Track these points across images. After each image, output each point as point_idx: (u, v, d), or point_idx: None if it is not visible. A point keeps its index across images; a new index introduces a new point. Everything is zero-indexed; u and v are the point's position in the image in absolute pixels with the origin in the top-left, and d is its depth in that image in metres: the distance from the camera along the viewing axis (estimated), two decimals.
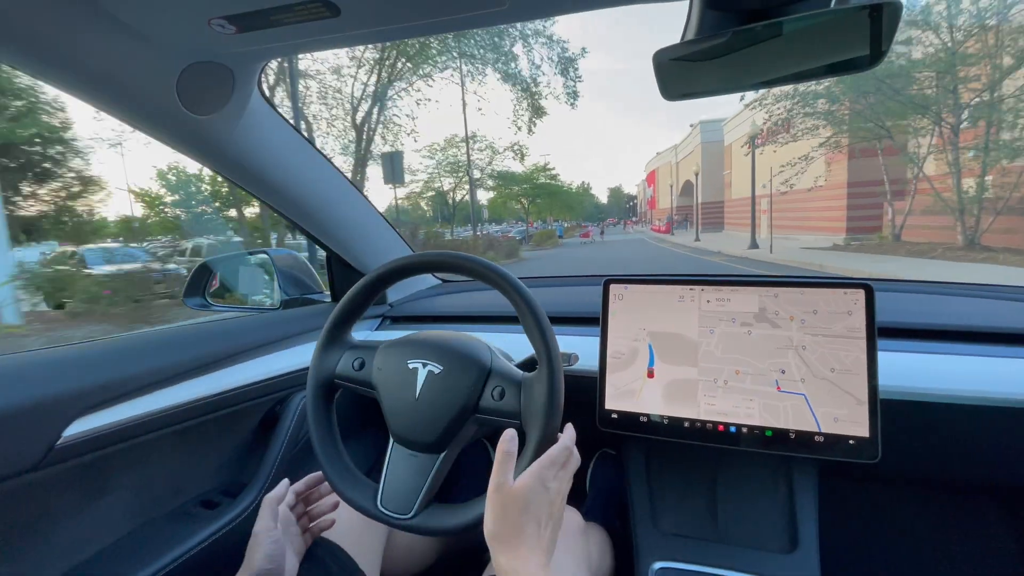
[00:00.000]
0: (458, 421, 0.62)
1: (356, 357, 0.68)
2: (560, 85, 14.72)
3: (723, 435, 0.73)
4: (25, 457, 0.58)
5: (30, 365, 0.64)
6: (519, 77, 14.52)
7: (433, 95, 21.82)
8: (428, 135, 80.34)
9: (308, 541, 0.70)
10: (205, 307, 1.13)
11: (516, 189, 29.24)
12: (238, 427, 0.88)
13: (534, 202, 32.17)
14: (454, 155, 23.83)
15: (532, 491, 0.48)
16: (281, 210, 0.96)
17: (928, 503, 1.01)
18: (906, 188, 12.90)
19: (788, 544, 0.77)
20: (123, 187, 12.59)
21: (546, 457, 0.52)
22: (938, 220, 11.72)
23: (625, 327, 0.80)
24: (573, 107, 15.00)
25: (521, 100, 15.23)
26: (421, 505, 0.61)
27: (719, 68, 0.56)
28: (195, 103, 0.67)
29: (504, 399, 0.60)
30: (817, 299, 0.72)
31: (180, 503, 0.80)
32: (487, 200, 39.41)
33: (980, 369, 0.73)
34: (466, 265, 0.64)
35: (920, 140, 11.83)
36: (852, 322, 0.70)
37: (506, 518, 0.48)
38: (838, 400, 0.69)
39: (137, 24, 0.56)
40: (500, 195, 30.84)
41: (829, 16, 0.48)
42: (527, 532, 0.47)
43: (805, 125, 13.69)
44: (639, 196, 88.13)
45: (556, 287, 1.28)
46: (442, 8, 0.55)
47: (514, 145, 21.91)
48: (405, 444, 0.64)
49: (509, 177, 27.00)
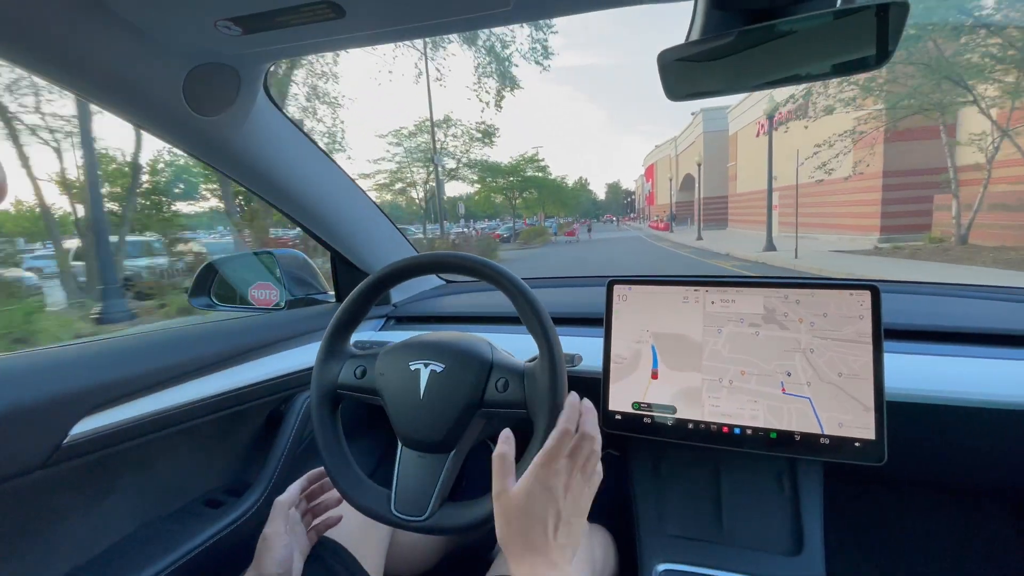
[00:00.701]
0: (464, 417, 0.62)
1: (357, 365, 0.68)
2: (526, 40, 11.94)
3: (728, 437, 0.73)
4: (32, 456, 0.58)
5: (37, 364, 0.64)
6: (480, 38, 11.94)
7: (388, 66, 17.46)
8: (397, 118, 74.98)
9: (313, 539, 0.70)
10: (211, 307, 1.13)
11: (502, 182, 26.43)
12: (243, 426, 0.89)
13: (522, 196, 29.38)
14: (427, 142, 19.79)
15: (530, 495, 0.46)
16: (286, 210, 0.97)
17: (934, 506, 1.00)
18: (968, 177, 10.22)
19: (793, 546, 0.77)
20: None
21: (541, 454, 0.48)
22: (1013, 218, 9.39)
23: (629, 328, 0.80)
24: (544, 69, 12.51)
25: (486, 67, 12.47)
26: (435, 506, 0.61)
27: (724, 68, 0.56)
28: (201, 104, 0.68)
29: (508, 390, 0.61)
30: (828, 302, 0.71)
31: (185, 502, 0.80)
32: (468, 194, 35.99)
33: (987, 371, 0.73)
34: (465, 264, 0.64)
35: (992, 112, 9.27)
36: (863, 327, 0.69)
37: (510, 525, 0.46)
38: (844, 405, 0.68)
39: (144, 26, 0.56)
40: (484, 188, 27.63)
41: (835, 16, 0.48)
42: (532, 538, 0.45)
43: (844, 94, 11.01)
44: (637, 192, 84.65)
45: (560, 287, 1.28)
46: (447, 9, 0.55)
47: (481, 125, 19.07)
48: (414, 446, 0.64)
49: (492, 168, 24.10)
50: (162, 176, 12.12)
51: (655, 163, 56.33)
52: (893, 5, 0.45)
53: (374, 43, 0.64)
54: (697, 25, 0.53)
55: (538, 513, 0.46)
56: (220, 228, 17.35)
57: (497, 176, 25.67)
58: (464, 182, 23.41)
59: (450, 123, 20.17)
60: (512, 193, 28.17)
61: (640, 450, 0.91)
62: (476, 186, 26.94)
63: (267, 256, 1.20)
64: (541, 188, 29.18)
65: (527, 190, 28.72)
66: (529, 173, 27.06)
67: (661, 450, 0.88)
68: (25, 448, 0.58)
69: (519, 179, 26.73)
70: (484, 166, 23.04)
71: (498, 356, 0.65)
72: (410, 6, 0.54)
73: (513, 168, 26.21)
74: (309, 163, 0.92)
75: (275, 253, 1.17)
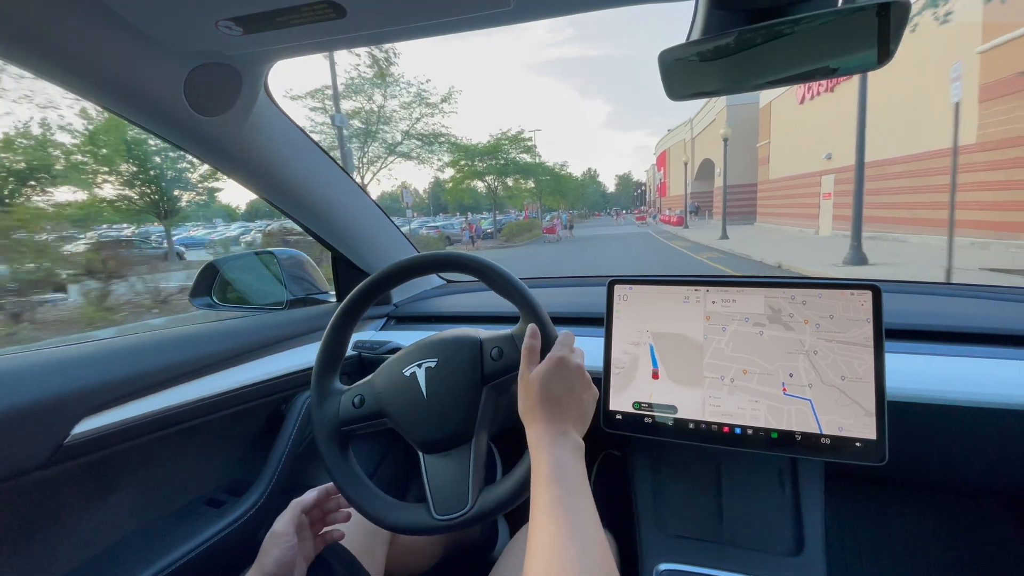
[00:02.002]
0: (473, 398, 0.62)
1: (354, 396, 0.66)
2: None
3: (728, 436, 0.73)
4: (34, 455, 0.59)
5: (39, 364, 0.64)
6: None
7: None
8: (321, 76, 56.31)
9: (319, 547, 0.70)
10: (211, 307, 1.14)
11: (479, 165, 21.45)
12: (243, 426, 0.89)
13: (504, 184, 24.08)
14: (365, 110, 15.37)
15: (547, 374, 0.55)
16: (287, 210, 0.97)
17: (935, 506, 1.00)
18: None
19: (794, 547, 0.77)
20: None
21: (553, 352, 0.57)
22: None
23: (629, 328, 0.80)
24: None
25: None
26: (474, 494, 0.60)
27: (725, 68, 0.56)
28: (202, 104, 0.68)
29: (504, 355, 0.62)
30: (835, 304, 0.71)
31: (186, 501, 0.80)
32: (439, 180, 29.15)
33: (988, 372, 0.72)
34: (458, 262, 0.65)
35: None
36: (869, 330, 0.69)
37: (529, 398, 0.55)
38: (845, 410, 0.68)
39: (145, 26, 0.56)
40: (461, 174, 22.09)
41: (836, 16, 0.48)
42: (547, 409, 0.54)
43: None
44: (648, 182, 78.60)
45: (560, 287, 1.28)
46: (448, 9, 0.55)
47: (427, 84, 14.63)
48: (434, 448, 0.63)
49: (463, 148, 19.31)
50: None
51: (668, 149, 49.89)
52: (894, 5, 0.45)
53: (375, 43, 0.64)
54: (698, 25, 0.53)
55: (553, 389, 0.54)
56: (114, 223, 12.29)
57: (472, 157, 21.20)
58: (420, 162, 17.94)
59: (391, 81, 15.44)
60: (493, 179, 23.41)
61: (641, 450, 0.91)
62: (448, 171, 22.07)
63: (268, 256, 1.21)
64: (529, 174, 24.65)
65: (513, 176, 24.00)
66: (512, 155, 22.38)
67: (662, 450, 0.88)
68: (26, 448, 0.58)
69: (499, 162, 22.21)
70: (451, 144, 18.33)
71: (485, 333, 0.66)
72: (411, 6, 0.54)
73: (492, 148, 21.47)
74: (310, 163, 0.92)
75: (276, 253, 1.17)
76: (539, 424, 0.53)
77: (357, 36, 0.60)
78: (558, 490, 0.46)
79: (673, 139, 47.28)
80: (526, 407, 0.56)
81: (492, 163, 22.29)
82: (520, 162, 23.50)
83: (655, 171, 63.91)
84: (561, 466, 0.49)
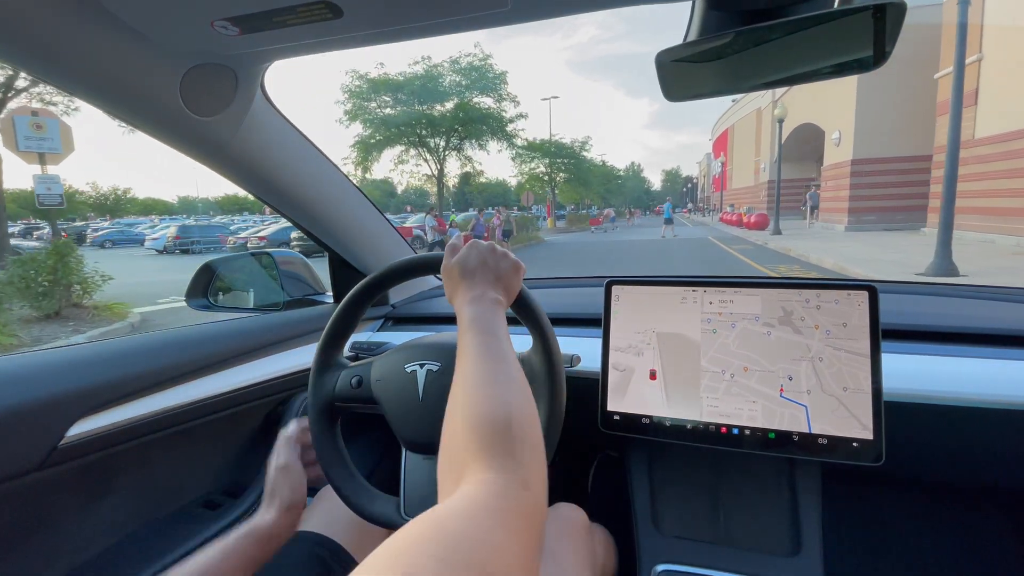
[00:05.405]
0: None
1: (353, 375, 0.67)
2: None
3: (726, 437, 0.73)
4: (28, 457, 0.58)
5: (33, 366, 0.64)
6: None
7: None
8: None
9: (312, 476, 0.70)
10: (208, 308, 1.13)
11: (540, 166, 22.82)
12: (240, 428, 0.89)
13: (554, 180, 24.95)
14: (410, 86, 15.50)
15: (462, 256, 0.60)
16: (284, 210, 0.97)
17: (932, 506, 1.00)
18: None
19: (791, 547, 0.77)
20: None
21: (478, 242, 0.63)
22: None
23: (627, 328, 0.80)
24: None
25: None
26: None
27: (722, 69, 0.56)
28: (198, 105, 0.67)
29: None
30: (851, 312, 0.70)
31: (182, 504, 0.80)
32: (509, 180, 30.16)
33: (985, 371, 0.73)
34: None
35: None
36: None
37: (450, 282, 0.61)
38: (840, 423, 0.68)
39: (140, 26, 0.56)
40: (524, 170, 23.34)
41: (832, 16, 0.48)
42: (464, 281, 0.59)
43: None
44: (700, 176, 66.24)
45: (558, 288, 1.28)
46: (444, 9, 0.55)
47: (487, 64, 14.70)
48: (419, 449, 0.63)
49: (533, 146, 20.21)
50: None
51: (733, 126, 35.71)
52: (890, 6, 0.45)
53: (372, 43, 0.64)
54: (695, 25, 0.53)
55: (467, 266, 0.59)
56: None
57: (533, 151, 22.30)
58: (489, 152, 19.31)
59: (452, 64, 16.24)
60: (545, 176, 24.26)
61: (639, 451, 0.91)
62: (514, 168, 23.54)
63: (265, 257, 1.20)
64: (576, 168, 25.36)
65: (560, 170, 24.72)
66: (578, 155, 23.41)
67: (660, 450, 0.88)
68: (21, 450, 0.58)
69: (568, 161, 23.32)
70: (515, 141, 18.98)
71: None
72: (407, 6, 0.54)
73: (541, 145, 22.38)
74: (307, 164, 0.92)
75: (273, 254, 1.17)
76: (460, 295, 0.57)
77: (353, 36, 0.60)
78: (479, 336, 0.50)
79: (740, 111, 32.29)
80: (450, 290, 0.60)
81: (547, 159, 23.58)
82: (568, 154, 24.45)
83: (709, 160, 50.15)
84: (480, 317, 0.53)
